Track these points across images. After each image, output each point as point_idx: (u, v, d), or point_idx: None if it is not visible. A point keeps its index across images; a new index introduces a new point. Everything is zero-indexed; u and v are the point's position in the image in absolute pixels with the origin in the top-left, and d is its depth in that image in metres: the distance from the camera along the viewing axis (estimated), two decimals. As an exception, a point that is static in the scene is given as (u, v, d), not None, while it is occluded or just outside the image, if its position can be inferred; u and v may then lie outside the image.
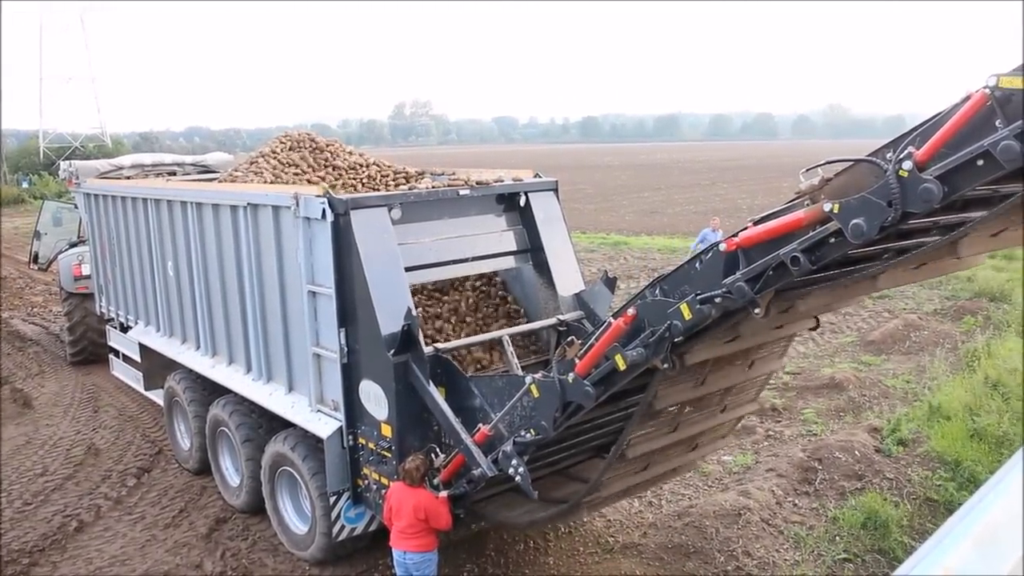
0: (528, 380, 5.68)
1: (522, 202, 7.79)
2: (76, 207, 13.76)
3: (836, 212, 4.09)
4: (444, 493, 6.27)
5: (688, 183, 53.32)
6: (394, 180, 8.63)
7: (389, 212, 6.86)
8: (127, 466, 10.19)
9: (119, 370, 12.56)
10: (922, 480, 8.88)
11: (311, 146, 9.21)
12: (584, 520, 8.15)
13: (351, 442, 6.98)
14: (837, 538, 7.81)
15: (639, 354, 4.99)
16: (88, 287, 13.54)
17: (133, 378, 11.84)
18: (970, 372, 12.08)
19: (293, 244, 7.11)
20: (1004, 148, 3.51)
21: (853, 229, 4.01)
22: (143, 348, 10.88)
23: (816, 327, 6.02)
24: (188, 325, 9.53)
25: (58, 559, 8.02)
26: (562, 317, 7.41)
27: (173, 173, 13.01)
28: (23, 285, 22.31)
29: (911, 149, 3.84)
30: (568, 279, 7.68)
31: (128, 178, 12.29)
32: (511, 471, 5.81)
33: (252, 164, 8.95)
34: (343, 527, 7.22)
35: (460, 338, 7.26)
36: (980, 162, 3.64)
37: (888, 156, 3.97)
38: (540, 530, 7.87)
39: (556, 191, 8.04)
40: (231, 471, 8.98)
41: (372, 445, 6.77)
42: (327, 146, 9.26)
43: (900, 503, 8.36)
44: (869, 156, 4.10)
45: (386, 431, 6.56)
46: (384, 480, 6.67)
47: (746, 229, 4.56)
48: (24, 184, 54.94)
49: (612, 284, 7.53)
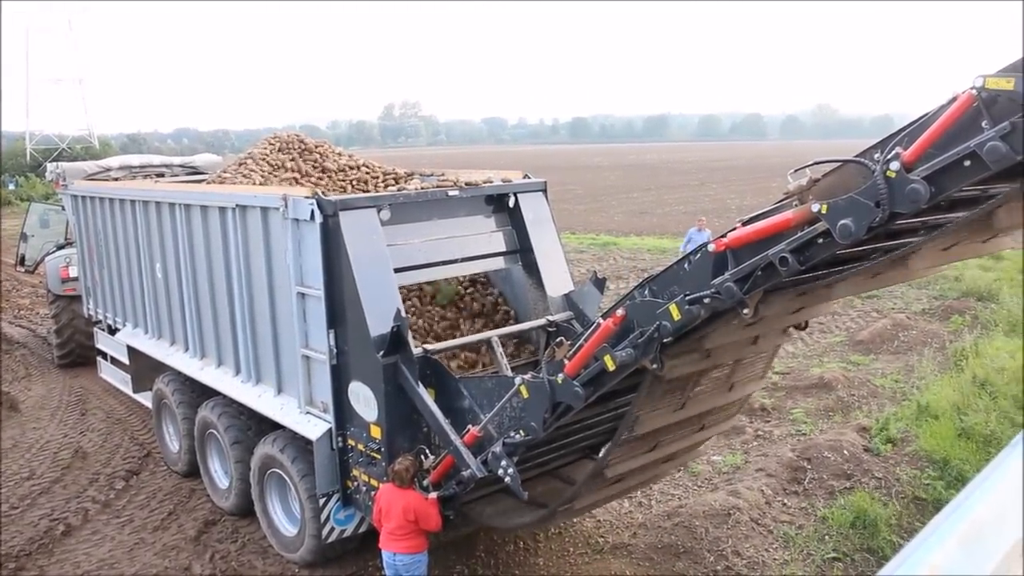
0: (517, 381, 5.67)
1: (511, 203, 7.79)
2: (63, 209, 13.69)
3: (824, 213, 4.10)
4: (434, 494, 6.26)
5: (677, 183, 53.42)
6: (383, 181, 8.63)
7: (378, 213, 6.85)
8: (115, 469, 10.13)
9: (107, 372, 12.51)
10: (910, 479, 8.92)
11: (300, 147, 9.20)
12: (574, 521, 8.16)
13: (340, 444, 6.96)
14: (826, 537, 7.84)
15: (628, 355, 4.99)
16: (75, 289, 13.46)
17: (121, 380, 11.78)
18: (958, 371, 12.14)
19: (282, 245, 7.09)
20: (990, 149, 3.52)
21: (841, 230, 4.02)
22: (131, 350, 10.82)
23: (804, 327, 6.04)
24: (176, 327, 9.49)
25: (45, 563, 7.97)
26: (551, 318, 7.41)
27: (161, 175, 12.97)
28: (10, 287, 22.16)
29: (898, 150, 3.85)
30: (557, 280, 7.68)
31: (116, 180, 12.23)
32: (501, 472, 5.80)
33: (241, 165, 8.93)
34: (332, 529, 7.20)
35: (450, 339, 7.26)
36: (967, 163, 3.65)
37: (876, 157, 3.98)
38: (530, 531, 7.87)
39: (545, 192, 8.05)
40: (220, 473, 8.94)
41: (361, 447, 6.75)
42: (316, 147, 9.25)
43: (889, 502, 8.39)
44: (857, 157, 4.11)
45: (375, 432, 6.55)
46: (374, 482, 6.66)
47: (735, 230, 4.57)
48: (11, 186, 54.50)
49: (601, 285, 7.54)
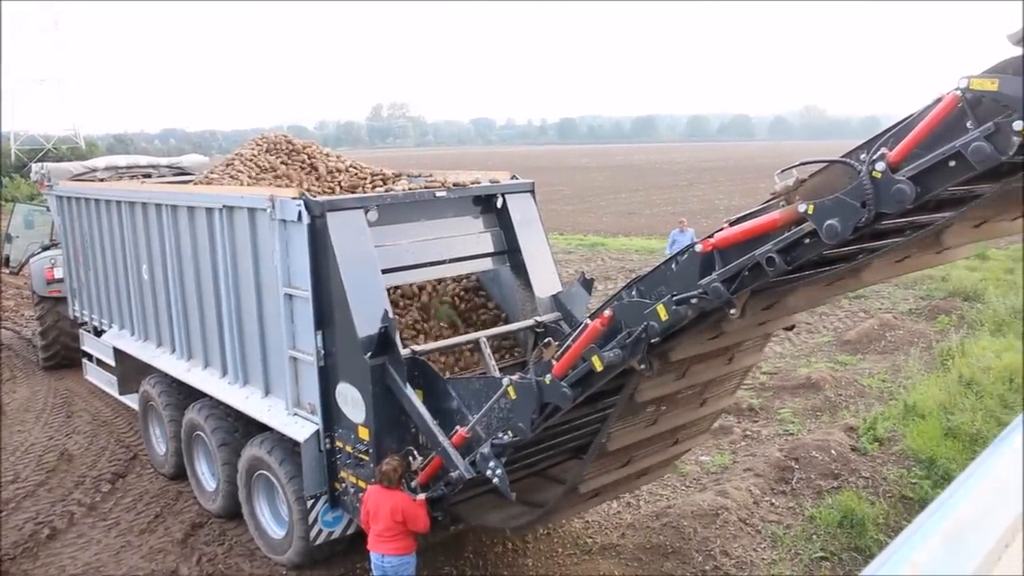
0: (505, 382, 5.67)
1: (499, 204, 7.78)
2: (48, 210, 13.61)
3: (811, 213, 4.11)
4: (422, 496, 6.25)
5: (666, 184, 53.54)
6: (371, 182, 8.61)
7: (366, 214, 6.84)
8: (101, 472, 10.07)
9: (93, 374, 12.44)
10: (897, 478, 8.96)
11: (288, 148, 9.18)
12: (563, 521, 8.16)
13: (328, 445, 6.94)
14: (814, 537, 7.86)
15: (616, 355, 5.00)
16: (61, 291, 13.38)
17: (107, 382, 11.71)
18: (944, 371, 12.21)
19: (269, 247, 7.06)
20: (975, 149, 3.54)
21: (827, 230, 4.04)
22: (117, 352, 10.76)
23: (792, 327, 6.05)
24: (163, 329, 9.44)
25: (30, 567, 7.90)
26: (539, 318, 7.41)
27: (148, 175, 12.90)
28: (-6, 289, 22.01)
29: (884, 150, 3.87)
30: (545, 280, 7.69)
31: (102, 180, 12.17)
32: (489, 473, 5.80)
33: (228, 166, 8.90)
34: (320, 531, 7.18)
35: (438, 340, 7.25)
36: (952, 163, 3.67)
37: (862, 157, 3.99)
38: (519, 532, 7.86)
39: (533, 192, 8.05)
40: (207, 475, 8.90)
41: (349, 448, 6.73)
42: (304, 148, 9.22)
43: (876, 501, 8.43)
44: (843, 157, 4.12)
45: (363, 434, 6.53)
46: (362, 483, 6.64)
47: (722, 230, 4.58)
48: (-5, 186, 54.13)
49: (589, 285, 7.55)
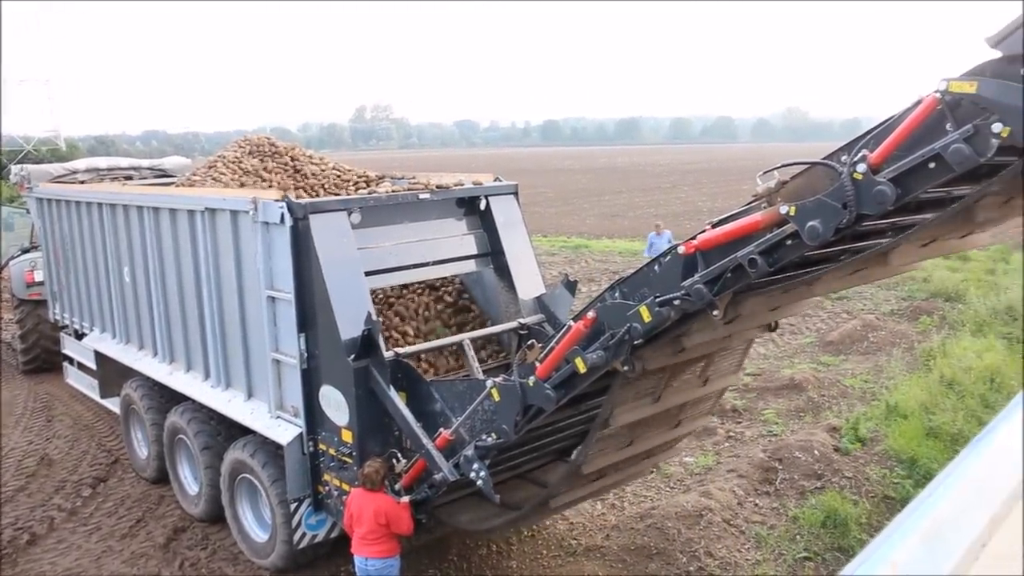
0: (489, 384, 5.67)
1: (482, 206, 7.78)
2: (28, 212, 13.50)
3: (792, 215, 4.13)
4: (406, 498, 6.24)
5: (649, 186, 53.69)
6: (354, 184, 8.59)
7: (349, 216, 6.82)
8: (82, 476, 9.99)
9: (74, 378, 12.33)
10: (880, 478, 9.01)
11: (271, 150, 9.15)
12: (547, 523, 8.16)
13: (312, 448, 6.91)
14: (798, 537, 7.90)
15: (599, 357, 5.00)
16: (41, 294, 13.27)
17: (88, 386, 11.61)
18: (926, 371, 12.30)
19: (252, 249, 7.03)
20: (954, 151, 3.57)
21: (809, 231, 4.06)
22: (99, 355, 10.68)
23: (774, 329, 6.08)
24: (145, 332, 9.37)
25: (9, 573, 7.83)
26: (523, 320, 7.41)
27: (129, 177, 12.81)
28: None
29: (865, 152, 3.89)
30: (529, 282, 7.69)
31: (82, 182, 12.10)
32: (473, 475, 5.80)
33: (211, 168, 8.86)
34: (304, 534, 7.14)
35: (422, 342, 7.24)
36: (932, 164, 3.70)
37: (843, 159, 4.02)
38: (503, 534, 7.85)
39: (516, 195, 8.06)
40: (190, 479, 8.84)
41: (333, 451, 6.71)
42: (287, 150, 9.19)
43: (859, 501, 8.47)
44: (824, 159, 4.14)
45: (347, 437, 6.51)
46: (345, 486, 6.62)
47: (704, 232, 4.59)
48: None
49: (572, 287, 7.56)
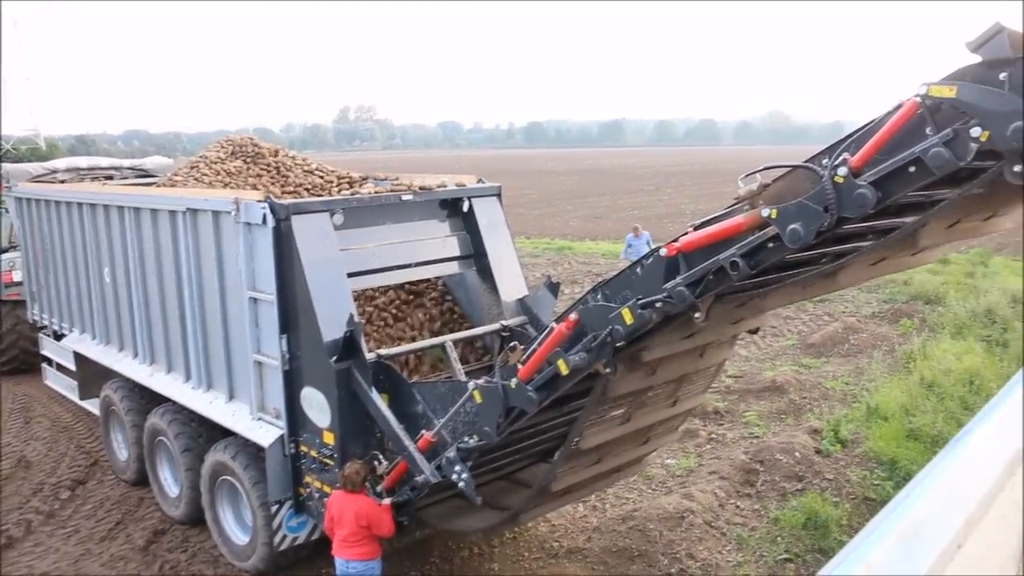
0: (471, 386, 5.67)
1: (465, 208, 7.77)
2: (7, 211, 13.40)
3: (774, 217, 4.15)
4: (387, 500, 6.22)
5: (633, 188, 53.84)
6: (337, 185, 8.56)
7: (331, 217, 6.79)
8: (60, 478, 9.89)
9: (52, 379, 12.22)
10: (860, 480, 9.06)
11: (253, 151, 9.12)
12: (529, 525, 8.15)
13: (293, 450, 6.88)
14: (779, 539, 7.93)
15: (581, 359, 5.01)
16: (19, 294, 13.15)
17: (67, 387, 11.52)
18: (906, 373, 12.39)
19: (233, 250, 7.00)
20: (934, 155, 3.60)
21: (790, 234, 4.07)
22: (78, 356, 10.59)
23: (756, 330, 6.10)
24: (125, 333, 9.30)
25: (-13, 576, 7.77)
26: (505, 322, 7.40)
27: (110, 177, 12.75)
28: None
29: (846, 155, 3.91)
30: (511, 284, 7.69)
31: (62, 182, 12.02)
32: (454, 477, 5.79)
33: (193, 169, 8.82)
34: (285, 536, 7.11)
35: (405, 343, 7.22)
36: (912, 168, 3.73)
37: (824, 162, 4.03)
38: (484, 536, 7.84)
39: (499, 196, 8.05)
40: (170, 481, 8.78)
41: (314, 453, 6.68)
42: (270, 151, 9.16)
43: (840, 503, 8.52)
44: (806, 162, 4.16)
45: (328, 439, 6.48)
46: (327, 488, 6.59)
47: (687, 234, 4.60)
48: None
49: (555, 289, 7.57)
